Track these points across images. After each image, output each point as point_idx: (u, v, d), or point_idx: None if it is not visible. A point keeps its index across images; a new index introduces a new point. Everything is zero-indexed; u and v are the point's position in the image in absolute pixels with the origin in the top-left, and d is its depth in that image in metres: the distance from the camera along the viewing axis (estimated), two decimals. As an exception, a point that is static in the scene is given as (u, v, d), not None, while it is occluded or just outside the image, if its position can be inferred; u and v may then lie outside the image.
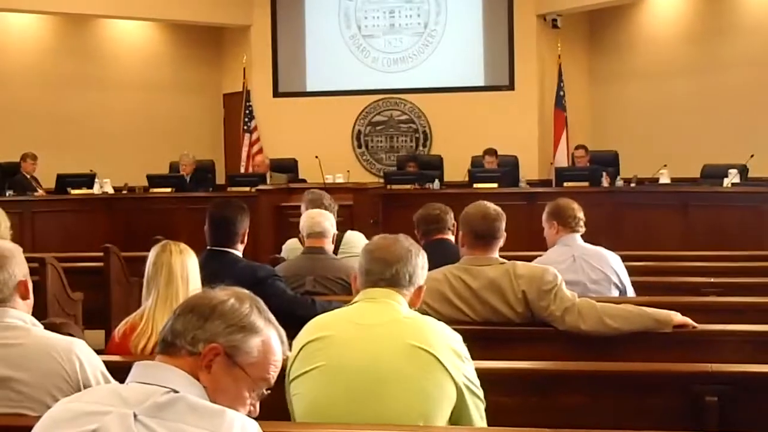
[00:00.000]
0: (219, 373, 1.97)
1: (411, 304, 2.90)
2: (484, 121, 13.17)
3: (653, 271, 5.99)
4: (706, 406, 3.06)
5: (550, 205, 5.17)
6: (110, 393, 1.94)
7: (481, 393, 2.77)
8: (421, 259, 2.94)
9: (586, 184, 10.65)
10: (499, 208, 4.05)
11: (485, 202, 4.10)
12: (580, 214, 5.03)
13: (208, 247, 4.42)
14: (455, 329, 3.26)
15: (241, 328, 1.99)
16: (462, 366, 2.72)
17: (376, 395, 2.62)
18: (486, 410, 2.85)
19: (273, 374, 2.05)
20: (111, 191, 11.55)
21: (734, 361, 3.30)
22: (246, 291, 2.12)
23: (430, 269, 3.96)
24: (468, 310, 3.85)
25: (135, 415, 1.85)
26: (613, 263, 4.90)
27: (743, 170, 9.96)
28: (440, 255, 4.31)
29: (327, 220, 5.10)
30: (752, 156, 10.02)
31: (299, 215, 5.45)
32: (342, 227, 5.86)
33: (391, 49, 13.95)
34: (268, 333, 2.04)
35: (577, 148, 11.83)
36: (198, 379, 1.95)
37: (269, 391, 2.07)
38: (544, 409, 3.21)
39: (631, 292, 4.89)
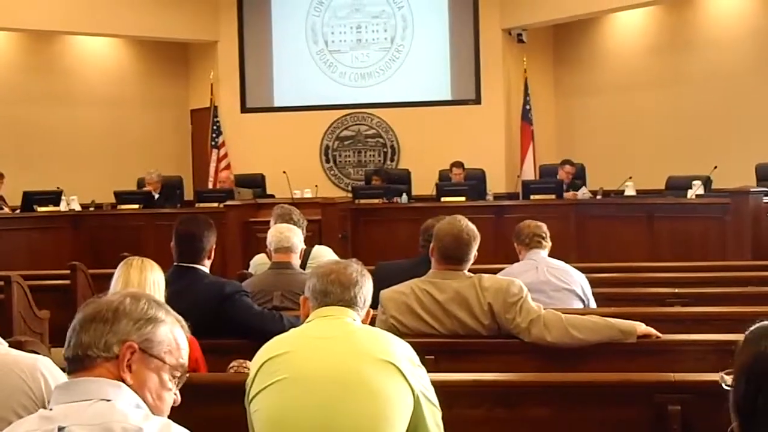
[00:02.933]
0: (140, 369, 1.99)
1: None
2: (451, 135, 13.23)
3: (618, 282, 6.04)
4: (669, 416, 3.09)
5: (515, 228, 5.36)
6: (37, 418, 1.93)
7: (436, 401, 2.80)
8: (370, 284, 2.98)
9: (552, 196, 10.72)
10: (473, 230, 4.01)
11: (461, 220, 4.04)
12: (540, 231, 5.15)
13: (175, 264, 4.41)
14: (422, 342, 3.29)
15: (147, 321, 2.02)
16: (418, 374, 2.75)
17: (338, 405, 2.64)
18: (452, 422, 2.87)
19: (186, 358, 2.09)
20: (78, 208, 11.47)
21: (698, 371, 3.33)
22: (135, 289, 2.15)
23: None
24: (434, 322, 3.87)
25: (61, 429, 1.85)
26: (576, 276, 4.97)
27: (707, 182, 10.07)
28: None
29: (295, 235, 5.10)
30: (715, 167, 10.13)
31: (267, 230, 5.44)
32: (310, 242, 5.87)
33: (358, 64, 14.00)
34: (171, 320, 2.08)
35: (564, 162, 11.75)
36: (123, 381, 1.96)
37: (187, 376, 2.09)
38: (510, 421, 3.23)
39: (593, 306, 4.95)
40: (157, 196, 11.82)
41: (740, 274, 6.47)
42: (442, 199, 10.98)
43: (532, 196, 10.86)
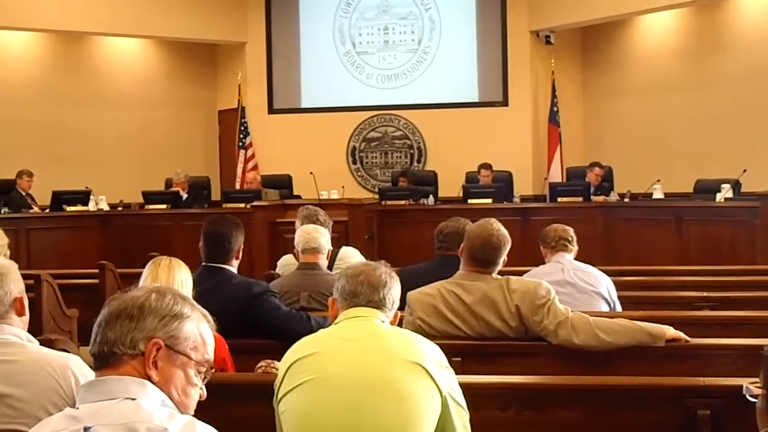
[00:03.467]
0: (166, 366, 1.99)
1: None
2: (478, 137, 13.21)
3: (646, 285, 6.02)
4: (698, 420, 3.08)
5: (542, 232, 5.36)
6: (63, 417, 1.93)
7: (464, 402, 2.80)
8: (398, 285, 2.98)
9: (580, 199, 10.69)
10: (504, 234, 4.04)
11: (493, 224, 4.07)
12: (566, 234, 5.14)
13: (203, 264, 4.42)
14: (449, 344, 3.29)
15: (174, 317, 2.02)
16: (446, 376, 2.75)
17: (366, 406, 2.64)
18: (480, 425, 2.87)
19: (211, 353, 2.09)
20: (106, 208, 11.54)
21: (727, 375, 3.31)
22: (162, 284, 2.14)
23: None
24: (462, 324, 3.87)
25: (86, 429, 1.85)
26: (602, 279, 4.96)
27: (736, 185, 10.00)
28: (454, 270, 4.34)
29: (322, 236, 5.12)
30: (745, 171, 10.07)
31: (294, 231, 5.45)
32: (337, 243, 5.88)
33: (386, 66, 14.00)
34: (197, 316, 2.08)
35: (593, 165, 11.70)
36: (149, 379, 1.96)
37: (213, 371, 2.09)
38: (538, 424, 3.23)
39: (619, 309, 4.93)
40: (185, 196, 11.88)
41: (769, 278, 6.42)
42: (469, 201, 10.97)
43: (559, 199, 10.83)
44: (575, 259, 5.17)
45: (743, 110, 11.84)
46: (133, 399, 1.91)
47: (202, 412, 2.05)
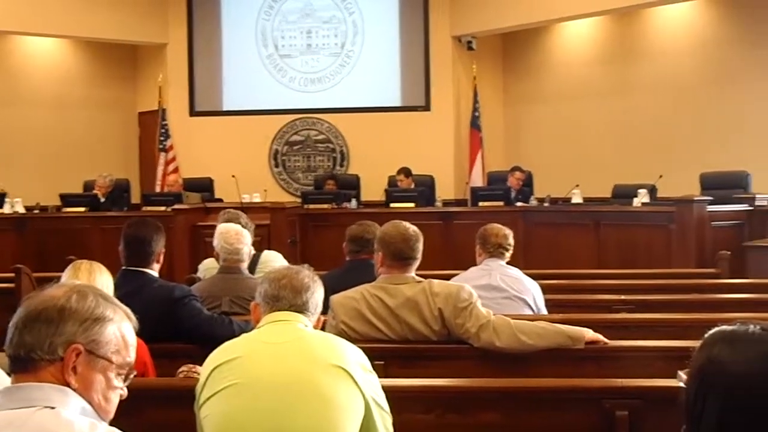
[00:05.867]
0: (86, 371, 1.93)
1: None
2: (400, 141, 13.27)
3: (566, 288, 6.09)
4: (616, 421, 3.13)
5: (481, 228, 5.31)
6: None
7: (387, 406, 2.81)
8: (321, 289, 2.98)
9: (501, 203, 10.79)
10: (417, 229, 4.09)
11: (402, 222, 4.13)
12: (505, 242, 5.16)
13: (123, 268, 4.36)
14: (372, 347, 3.29)
15: (95, 321, 1.96)
16: (369, 379, 2.75)
17: (289, 410, 2.63)
18: (402, 428, 2.87)
19: (133, 355, 2.04)
20: (22, 211, 11.30)
21: (644, 376, 3.37)
22: (82, 282, 2.09)
23: (352, 287, 4.01)
24: (385, 328, 3.88)
25: None
26: (529, 285, 5.01)
27: (652, 190, 10.21)
28: (364, 274, 4.35)
29: (243, 240, 5.08)
30: (661, 176, 10.28)
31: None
32: (259, 247, 5.85)
33: (309, 69, 13.98)
34: (119, 317, 2.02)
35: (514, 169, 11.86)
36: (68, 385, 1.91)
37: (135, 374, 2.05)
38: (461, 426, 3.25)
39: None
40: (103, 199, 11.68)
41: (685, 281, 6.55)
42: (392, 204, 11.00)
43: (480, 203, 10.93)
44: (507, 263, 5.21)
45: (660, 117, 12.10)
46: (53, 408, 1.85)
47: (122, 418, 2.02)
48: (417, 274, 4.03)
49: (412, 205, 10.93)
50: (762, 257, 7.50)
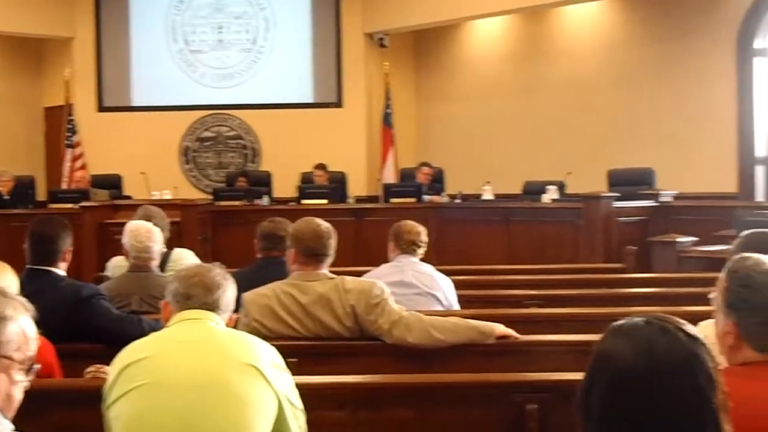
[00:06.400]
0: None
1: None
2: (313, 138, 13.24)
3: (477, 284, 6.13)
4: (526, 414, 3.17)
5: (394, 224, 5.31)
6: None
7: (300, 404, 2.80)
8: (233, 288, 2.95)
9: (413, 200, 10.85)
10: (329, 225, 4.08)
11: (315, 218, 4.11)
12: (418, 239, 5.17)
13: (28, 266, 4.26)
14: (285, 345, 3.27)
15: None
16: (281, 377, 2.74)
17: (200, 409, 2.60)
18: (316, 425, 2.87)
19: (34, 348, 2.01)
20: None
21: (554, 370, 3.41)
22: None
23: (264, 284, 3.98)
24: (297, 325, 3.86)
25: None
26: (440, 282, 5.03)
27: (561, 186, 10.37)
28: (276, 271, 4.32)
29: (154, 237, 5.00)
30: (569, 173, 10.46)
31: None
32: (169, 245, 5.76)
33: (220, 65, 13.85)
34: (19, 314, 1.98)
35: (423, 164, 11.96)
36: None
37: (39, 367, 2.02)
38: (373, 423, 3.25)
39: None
40: (8, 196, 11.39)
41: (592, 276, 6.67)
42: (304, 201, 10.97)
43: (392, 200, 10.97)
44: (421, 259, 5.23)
45: (568, 114, 12.31)
46: None
47: (27, 420, 1.97)
48: (330, 271, 4.02)
49: (324, 201, 10.92)
50: (665, 252, 7.67)
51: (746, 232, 3.59)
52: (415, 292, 4.90)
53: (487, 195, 11.06)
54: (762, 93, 10.71)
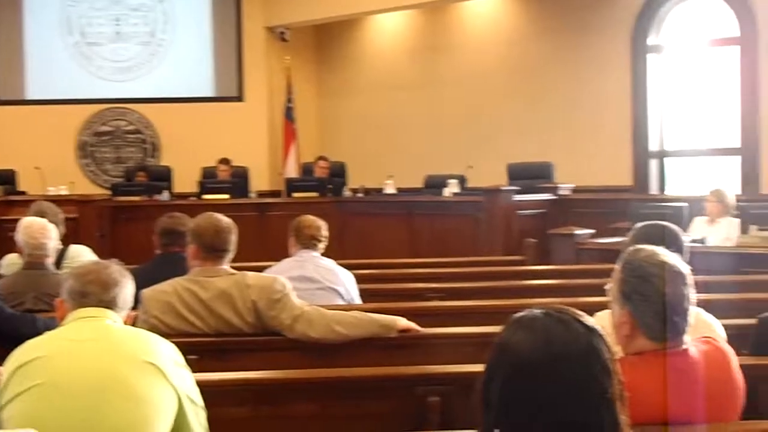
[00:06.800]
0: None
1: None
2: (214, 132, 13.10)
3: (380, 278, 6.16)
4: (428, 407, 3.18)
5: (294, 219, 5.28)
6: None
7: (201, 401, 2.76)
8: (131, 285, 2.90)
9: (315, 194, 10.83)
10: (230, 221, 4.04)
11: (215, 214, 4.07)
12: (318, 234, 5.17)
13: None
14: (186, 341, 3.23)
15: None
16: (181, 375, 2.70)
17: (98, 409, 2.55)
18: (218, 422, 2.83)
19: None
20: None
21: (456, 362, 3.43)
22: None
23: (163, 281, 3.92)
24: (198, 321, 3.81)
25: None
26: (342, 276, 5.04)
27: (462, 180, 10.48)
28: (176, 267, 4.27)
29: (48, 234, 4.89)
30: (470, 167, 10.58)
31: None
32: (66, 241, 5.64)
33: (117, 58, 13.59)
34: None
35: (320, 158, 11.96)
36: None
37: None
38: (276, 419, 3.23)
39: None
40: None
41: (493, 269, 6.76)
42: (205, 196, 10.85)
43: (295, 194, 10.93)
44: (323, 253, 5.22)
45: (468, 109, 12.44)
46: None
47: None
48: (231, 267, 3.99)
49: (226, 196, 10.82)
50: (564, 244, 7.82)
51: (640, 224, 3.67)
52: (316, 287, 4.90)
53: (390, 189, 11.12)
54: (655, 88, 10.98)
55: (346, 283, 5.04)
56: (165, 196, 11.29)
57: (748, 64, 10.10)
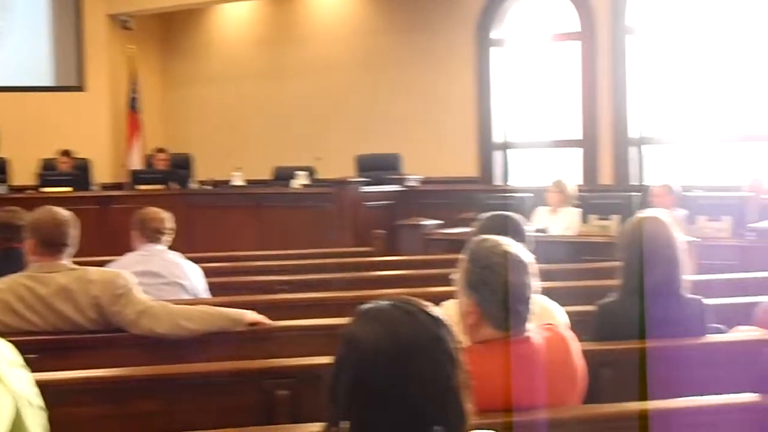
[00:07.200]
0: None
1: None
2: (54, 123, 12.68)
3: (228, 271, 6.10)
4: (277, 400, 3.16)
5: (137, 212, 5.16)
6: None
7: (40, 402, 2.66)
8: None
9: (161, 186, 10.63)
10: (69, 213, 3.91)
11: (54, 207, 3.94)
12: (163, 227, 5.07)
13: None
14: (24, 340, 3.10)
15: None
16: (18, 376, 2.59)
17: None
18: (60, 423, 2.74)
19: None
20: None
21: (306, 355, 3.43)
22: None
23: (0, 277, 3.76)
24: (37, 319, 3.68)
25: None
26: (188, 270, 4.95)
27: (311, 172, 10.48)
28: (14, 263, 4.10)
29: None
30: (319, 158, 10.59)
31: None
32: None
33: (-51, 45, 12.98)
34: None
35: (158, 150, 11.75)
36: None
37: None
38: (120, 417, 3.15)
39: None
40: None
41: (342, 260, 6.78)
42: (45, 189, 10.50)
43: (139, 186, 10.71)
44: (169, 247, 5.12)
45: (317, 100, 12.44)
46: None
47: None
48: (73, 262, 3.86)
49: (68, 189, 10.50)
50: (412, 235, 7.91)
51: (485, 214, 3.74)
52: (162, 281, 4.80)
53: (238, 181, 11.04)
54: (499, 81, 11.22)
55: (192, 277, 4.96)
56: (2, 189, 10.87)
57: (588, 59, 10.45)
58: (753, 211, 7.04)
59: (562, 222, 7.72)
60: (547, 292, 3.12)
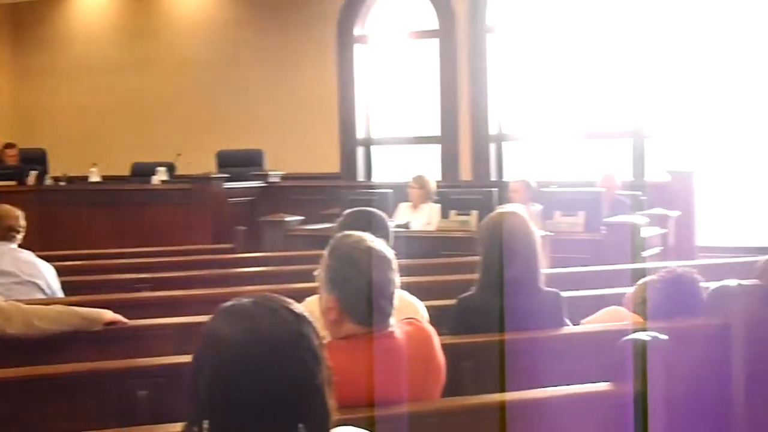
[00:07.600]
0: None
1: None
2: None
3: (84, 269, 5.96)
4: (137, 400, 3.10)
5: None
6: None
7: None
8: None
9: (13, 183, 10.28)
10: None
11: None
12: (16, 224, 4.94)
13: None
14: None
15: None
16: None
17: None
18: None
19: None
20: None
21: (167, 354, 3.37)
22: None
23: None
24: None
25: None
26: (42, 269, 4.83)
27: (171, 168, 10.32)
28: None
29: None
30: (179, 154, 10.43)
31: None
32: None
33: None
34: None
35: (7, 146, 11.35)
36: None
37: None
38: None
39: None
40: None
41: (202, 257, 6.71)
42: None
43: (-11, 182, 10.33)
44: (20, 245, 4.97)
45: (177, 95, 12.23)
46: None
47: None
48: None
49: None
50: (274, 231, 7.86)
51: (348, 210, 3.75)
52: (14, 280, 4.66)
53: (94, 177, 10.78)
54: (362, 78, 11.26)
55: (46, 276, 4.83)
56: None
57: (446, 57, 10.59)
58: (605, 206, 7.28)
59: (422, 217, 7.81)
60: (406, 286, 3.15)
